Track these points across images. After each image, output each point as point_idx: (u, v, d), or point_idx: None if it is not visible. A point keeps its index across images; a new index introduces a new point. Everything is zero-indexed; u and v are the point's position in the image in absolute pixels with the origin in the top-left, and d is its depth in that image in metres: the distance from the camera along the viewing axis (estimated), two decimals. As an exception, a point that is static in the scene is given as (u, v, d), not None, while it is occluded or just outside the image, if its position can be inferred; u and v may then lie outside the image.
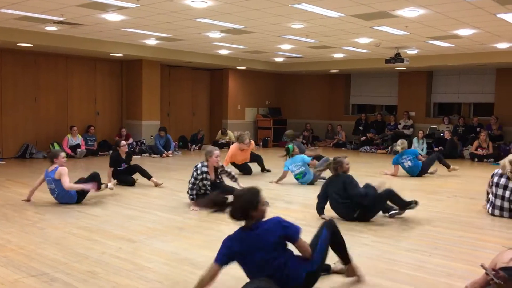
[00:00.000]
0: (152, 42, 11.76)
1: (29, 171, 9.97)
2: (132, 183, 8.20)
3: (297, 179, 8.46)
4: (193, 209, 6.23)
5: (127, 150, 8.49)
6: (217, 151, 6.58)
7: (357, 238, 5.06)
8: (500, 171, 6.04)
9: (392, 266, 4.18)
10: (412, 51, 12.39)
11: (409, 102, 15.84)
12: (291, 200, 7.22)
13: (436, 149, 13.41)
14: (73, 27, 9.78)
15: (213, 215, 3.50)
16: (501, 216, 5.97)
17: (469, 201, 7.17)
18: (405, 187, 8.32)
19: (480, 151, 12.81)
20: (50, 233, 5.11)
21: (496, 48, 11.50)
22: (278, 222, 3.22)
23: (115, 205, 6.56)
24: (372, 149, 15.15)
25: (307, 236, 3.43)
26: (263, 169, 10.04)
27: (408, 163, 9.65)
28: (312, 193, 7.06)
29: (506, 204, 5.91)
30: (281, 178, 8.52)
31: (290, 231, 3.22)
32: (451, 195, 7.72)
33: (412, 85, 15.76)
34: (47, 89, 12.71)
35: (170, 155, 13.14)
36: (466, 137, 13.97)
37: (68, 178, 6.44)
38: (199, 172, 6.43)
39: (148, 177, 8.18)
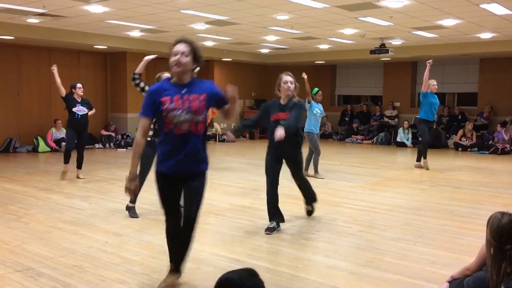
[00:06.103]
0: (136, 34, 11.65)
1: (13, 165, 9.84)
2: (70, 149, 7.88)
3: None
4: None
5: (82, 93, 8.00)
6: None
7: (341, 227, 5.11)
8: None
9: (377, 255, 4.23)
10: (396, 42, 12.46)
11: (394, 93, 15.94)
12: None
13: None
14: (56, 19, 9.64)
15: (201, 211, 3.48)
16: None
17: (452, 190, 7.27)
18: (390, 177, 8.41)
19: (464, 141, 12.98)
20: (35, 227, 5.06)
21: (479, 38, 11.61)
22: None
23: (100, 199, 6.52)
24: (358, 140, 15.24)
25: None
26: None
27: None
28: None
29: None
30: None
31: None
32: (435, 184, 7.82)
33: (397, 76, 15.86)
34: (29, 82, 12.54)
35: (156, 147, 13.06)
36: (450, 127, 14.12)
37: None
38: None
39: (79, 165, 7.96)
